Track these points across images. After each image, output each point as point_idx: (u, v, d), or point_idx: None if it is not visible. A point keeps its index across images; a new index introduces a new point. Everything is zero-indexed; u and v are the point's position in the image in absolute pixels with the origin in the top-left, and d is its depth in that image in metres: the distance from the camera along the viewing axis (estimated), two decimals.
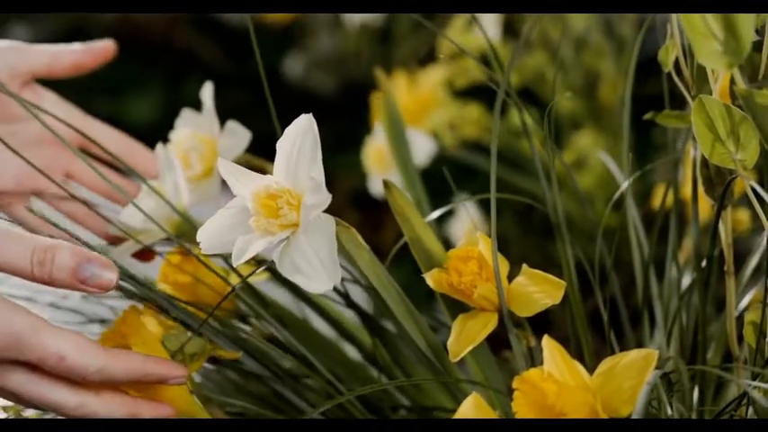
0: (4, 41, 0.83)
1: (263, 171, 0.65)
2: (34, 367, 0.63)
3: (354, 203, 1.42)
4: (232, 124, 0.77)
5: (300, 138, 0.61)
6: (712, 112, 0.58)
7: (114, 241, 0.79)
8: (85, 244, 0.68)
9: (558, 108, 0.74)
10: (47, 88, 0.85)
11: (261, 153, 0.80)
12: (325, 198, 0.60)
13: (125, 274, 0.70)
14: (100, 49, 0.84)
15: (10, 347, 0.61)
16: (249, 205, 0.62)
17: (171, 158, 0.69)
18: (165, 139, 0.82)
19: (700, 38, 0.54)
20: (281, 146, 0.62)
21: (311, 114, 0.62)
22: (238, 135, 0.77)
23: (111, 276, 0.61)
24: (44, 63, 0.82)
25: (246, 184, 0.62)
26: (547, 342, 0.59)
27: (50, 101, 0.83)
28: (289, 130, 0.62)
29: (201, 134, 0.79)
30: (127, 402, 0.65)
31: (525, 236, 1.11)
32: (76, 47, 0.84)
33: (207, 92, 0.80)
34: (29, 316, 0.61)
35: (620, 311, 0.74)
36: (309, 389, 0.76)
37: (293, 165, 0.62)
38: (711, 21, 0.54)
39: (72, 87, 1.73)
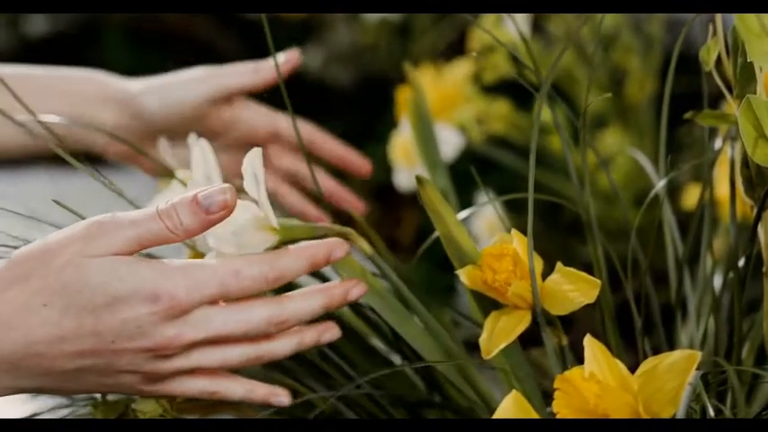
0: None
1: None
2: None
3: (371, 196, 1.41)
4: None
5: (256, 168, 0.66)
6: (759, 111, 0.58)
7: None
8: None
9: (584, 105, 0.73)
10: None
11: None
12: None
13: None
14: None
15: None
16: None
17: (205, 150, 0.69)
18: None
19: (754, 38, 0.53)
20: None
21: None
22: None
23: (226, 196, 0.63)
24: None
25: None
26: (589, 341, 0.58)
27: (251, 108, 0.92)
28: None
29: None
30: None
31: (547, 232, 1.11)
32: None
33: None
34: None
35: (653, 310, 0.73)
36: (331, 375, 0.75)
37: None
38: (766, 21, 0.53)
39: None
